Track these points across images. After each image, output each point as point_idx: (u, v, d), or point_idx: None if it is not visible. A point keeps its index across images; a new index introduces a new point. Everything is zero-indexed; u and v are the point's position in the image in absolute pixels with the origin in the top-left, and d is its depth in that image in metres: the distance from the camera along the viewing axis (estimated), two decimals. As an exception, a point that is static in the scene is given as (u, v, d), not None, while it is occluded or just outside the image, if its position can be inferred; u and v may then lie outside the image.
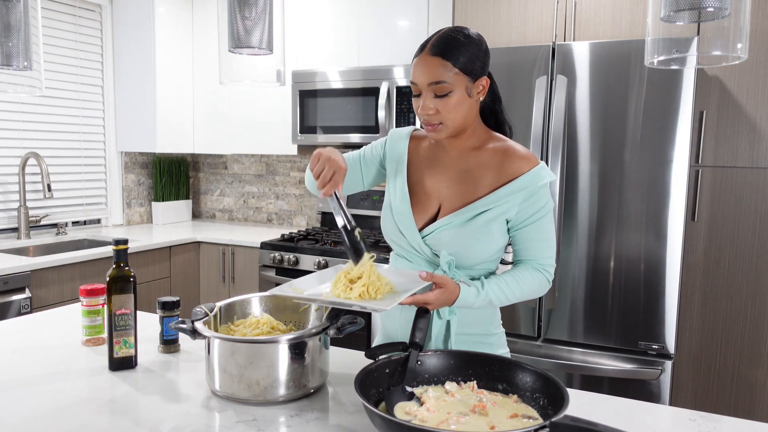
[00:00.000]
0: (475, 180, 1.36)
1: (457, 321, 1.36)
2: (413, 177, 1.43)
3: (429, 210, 1.40)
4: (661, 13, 1.10)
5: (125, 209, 3.93)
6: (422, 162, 1.45)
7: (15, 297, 2.61)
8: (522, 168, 1.33)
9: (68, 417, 1.11)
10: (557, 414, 0.92)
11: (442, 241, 1.35)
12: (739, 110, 2.51)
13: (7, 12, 1.41)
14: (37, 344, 1.53)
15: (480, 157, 1.37)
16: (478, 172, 1.36)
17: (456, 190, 1.38)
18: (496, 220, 1.33)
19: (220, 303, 1.35)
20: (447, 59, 1.27)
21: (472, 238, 1.33)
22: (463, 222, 1.33)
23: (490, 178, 1.35)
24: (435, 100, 1.29)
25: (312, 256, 3.12)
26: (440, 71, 1.27)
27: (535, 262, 1.37)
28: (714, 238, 2.60)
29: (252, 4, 1.40)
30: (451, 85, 1.27)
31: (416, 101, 1.33)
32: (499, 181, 1.34)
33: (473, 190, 1.36)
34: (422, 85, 1.29)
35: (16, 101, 3.28)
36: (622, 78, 2.36)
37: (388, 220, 1.43)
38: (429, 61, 1.28)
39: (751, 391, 2.57)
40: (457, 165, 1.39)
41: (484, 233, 1.33)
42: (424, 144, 1.47)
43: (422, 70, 1.28)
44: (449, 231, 1.34)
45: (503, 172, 1.34)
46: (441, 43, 1.28)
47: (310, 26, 3.45)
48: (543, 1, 2.73)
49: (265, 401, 1.17)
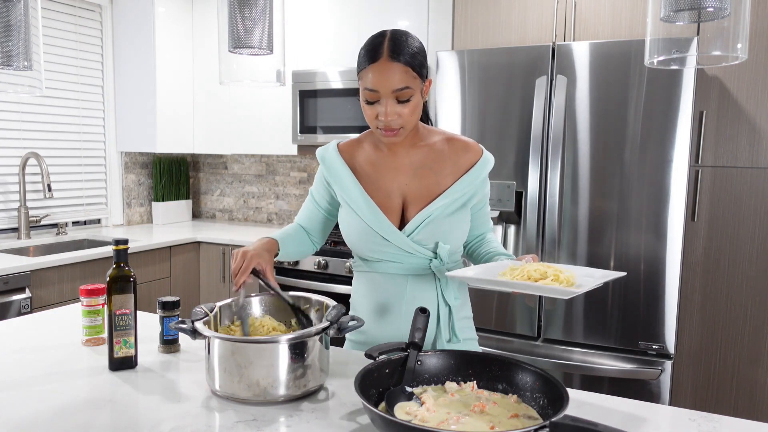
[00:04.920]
0: (435, 172, 1.43)
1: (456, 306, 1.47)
2: (364, 185, 1.45)
3: (394, 210, 1.43)
4: (661, 13, 1.10)
5: (125, 209, 3.93)
6: (366, 168, 1.46)
7: (15, 297, 2.61)
8: (474, 158, 1.45)
9: (68, 417, 1.11)
10: (557, 414, 0.92)
11: (429, 234, 1.40)
12: (739, 110, 2.51)
13: (7, 12, 1.41)
14: (37, 344, 1.53)
15: (431, 151, 1.44)
16: (435, 165, 1.43)
17: (418, 185, 1.43)
18: (467, 205, 1.44)
19: (220, 303, 1.35)
20: (407, 64, 1.29)
21: (455, 224, 1.42)
22: (443, 210, 1.40)
23: (448, 168, 1.43)
24: (397, 105, 1.31)
25: (312, 256, 3.12)
26: (404, 77, 1.29)
27: (489, 232, 1.56)
28: (714, 238, 2.60)
29: (252, 4, 1.40)
30: (412, 89, 1.30)
31: (371, 108, 1.33)
32: (458, 171, 1.43)
33: (436, 181, 1.42)
34: (385, 92, 1.29)
35: (16, 101, 3.28)
36: (622, 78, 2.36)
37: (362, 234, 1.43)
38: (391, 67, 1.28)
39: (751, 391, 2.57)
40: (409, 162, 1.44)
41: (463, 217, 1.43)
42: (357, 152, 1.49)
43: (385, 77, 1.28)
44: (432, 223, 1.39)
45: (459, 163, 1.44)
46: (399, 48, 1.29)
47: (310, 26, 3.45)
48: (543, 1, 2.73)
49: (265, 401, 1.17)
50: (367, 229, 1.41)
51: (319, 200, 1.54)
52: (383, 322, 1.47)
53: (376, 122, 1.34)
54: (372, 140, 1.49)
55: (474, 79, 2.60)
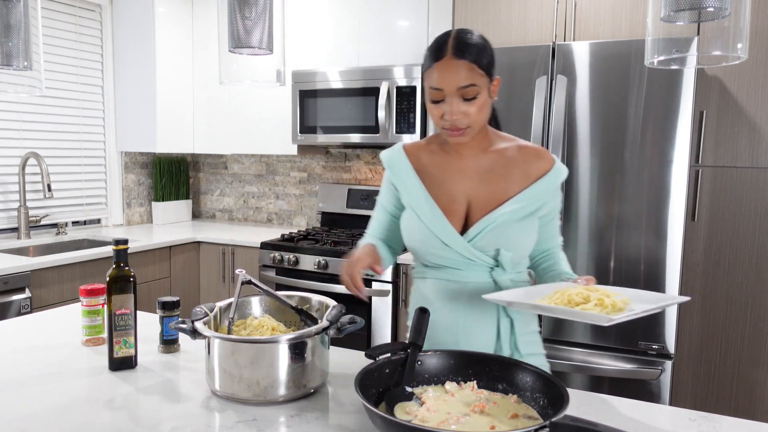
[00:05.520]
0: (503, 178, 1.38)
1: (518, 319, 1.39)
2: (430, 187, 1.41)
3: (456, 215, 1.38)
4: (661, 13, 1.10)
5: (125, 209, 3.93)
6: (432, 170, 1.43)
7: (15, 297, 2.61)
8: (545, 167, 1.39)
9: (68, 417, 1.11)
10: (557, 414, 0.92)
11: (492, 240, 1.34)
12: (739, 110, 2.51)
13: (7, 12, 1.41)
14: (37, 344, 1.53)
15: (500, 156, 1.39)
16: (504, 170, 1.38)
17: (484, 190, 1.38)
18: (534, 215, 1.38)
19: (220, 303, 1.35)
20: (474, 62, 1.26)
21: (521, 232, 1.36)
22: (509, 217, 1.35)
23: (517, 175, 1.38)
24: (463, 103, 1.27)
25: (312, 256, 3.12)
26: (469, 74, 1.26)
27: (556, 247, 1.47)
28: (714, 238, 2.60)
29: (252, 4, 1.40)
30: (478, 87, 1.27)
31: (438, 107, 1.30)
32: (528, 178, 1.38)
33: (504, 187, 1.37)
34: (450, 90, 1.27)
35: (16, 101, 3.28)
36: (622, 78, 2.36)
37: (423, 237, 1.38)
38: (456, 65, 1.25)
39: (751, 391, 2.57)
40: (476, 166, 1.39)
41: (529, 226, 1.37)
42: (423, 154, 1.45)
43: (450, 74, 1.26)
44: (497, 229, 1.34)
45: (529, 171, 1.38)
46: (464, 45, 1.27)
47: (310, 26, 3.45)
48: (543, 1, 2.73)
49: (265, 401, 1.17)
50: (427, 233, 1.37)
51: (387, 205, 1.50)
52: (439, 331, 1.40)
53: (442, 122, 1.31)
54: (439, 142, 1.44)
55: (474, 79, 2.60)
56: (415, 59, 3.16)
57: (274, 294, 1.37)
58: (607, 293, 1.13)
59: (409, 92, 3.09)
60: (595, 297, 1.12)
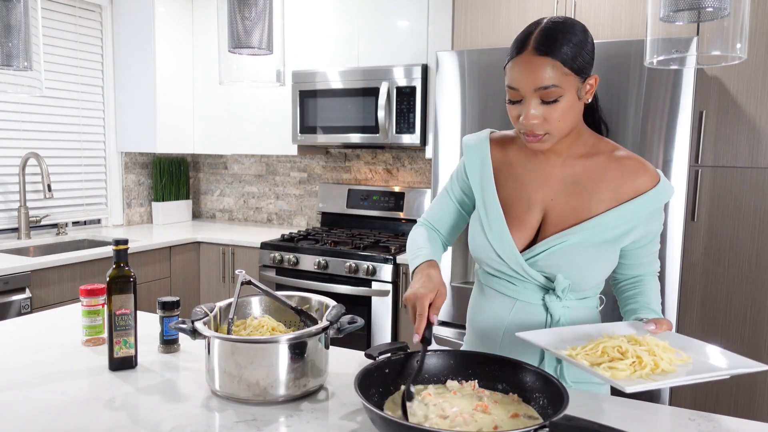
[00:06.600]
0: (588, 193, 1.20)
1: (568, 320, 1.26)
2: (505, 188, 1.26)
3: (528, 226, 1.23)
4: (660, 13, 1.10)
5: (125, 209, 3.93)
6: (515, 169, 1.27)
7: (15, 297, 2.61)
8: (645, 185, 1.19)
9: (68, 417, 1.11)
10: (557, 414, 0.92)
11: (553, 263, 1.20)
12: (739, 110, 2.51)
13: (7, 12, 1.41)
14: (37, 344, 1.53)
15: (591, 167, 1.22)
16: (591, 184, 1.21)
17: (564, 204, 1.21)
18: (617, 242, 1.20)
19: (220, 303, 1.35)
20: (557, 58, 1.09)
21: (591, 260, 1.19)
22: (580, 242, 1.18)
23: (607, 192, 1.20)
24: (541, 106, 1.12)
25: (312, 256, 3.12)
26: (550, 74, 1.09)
27: (649, 275, 1.30)
28: (714, 238, 2.60)
29: (252, 4, 1.40)
30: (561, 88, 1.10)
31: (514, 108, 1.15)
32: (619, 198, 1.19)
33: (587, 205, 1.20)
34: (526, 90, 1.11)
35: (16, 101, 3.28)
36: (622, 78, 2.36)
37: (480, 245, 1.27)
38: (535, 62, 1.09)
39: (751, 391, 2.57)
40: (563, 174, 1.23)
41: (605, 254, 1.20)
42: (511, 147, 1.29)
43: (527, 73, 1.10)
44: (563, 252, 1.19)
45: (623, 188, 1.19)
46: (547, 38, 1.10)
47: (310, 26, 3.45)
48: (543, 1, 2.73)
49: (265, 401, 1.17)
50: (484, 242, 1.26)
51: (454, 191, 1.36)
52: (478, 341, 1.35)
53: (519, 125, 1.16)
54: None
55: (474, 79, 2.60)
56: (415, 59, 3.16)
57: (273, 294, 1.37)
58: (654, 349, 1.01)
59: (409, 92, 3.10)
60: (634, 353, 1.01)
